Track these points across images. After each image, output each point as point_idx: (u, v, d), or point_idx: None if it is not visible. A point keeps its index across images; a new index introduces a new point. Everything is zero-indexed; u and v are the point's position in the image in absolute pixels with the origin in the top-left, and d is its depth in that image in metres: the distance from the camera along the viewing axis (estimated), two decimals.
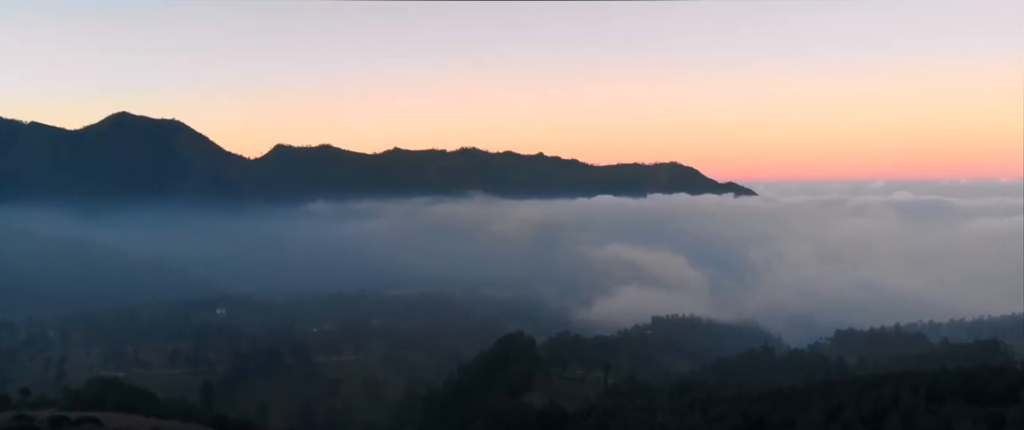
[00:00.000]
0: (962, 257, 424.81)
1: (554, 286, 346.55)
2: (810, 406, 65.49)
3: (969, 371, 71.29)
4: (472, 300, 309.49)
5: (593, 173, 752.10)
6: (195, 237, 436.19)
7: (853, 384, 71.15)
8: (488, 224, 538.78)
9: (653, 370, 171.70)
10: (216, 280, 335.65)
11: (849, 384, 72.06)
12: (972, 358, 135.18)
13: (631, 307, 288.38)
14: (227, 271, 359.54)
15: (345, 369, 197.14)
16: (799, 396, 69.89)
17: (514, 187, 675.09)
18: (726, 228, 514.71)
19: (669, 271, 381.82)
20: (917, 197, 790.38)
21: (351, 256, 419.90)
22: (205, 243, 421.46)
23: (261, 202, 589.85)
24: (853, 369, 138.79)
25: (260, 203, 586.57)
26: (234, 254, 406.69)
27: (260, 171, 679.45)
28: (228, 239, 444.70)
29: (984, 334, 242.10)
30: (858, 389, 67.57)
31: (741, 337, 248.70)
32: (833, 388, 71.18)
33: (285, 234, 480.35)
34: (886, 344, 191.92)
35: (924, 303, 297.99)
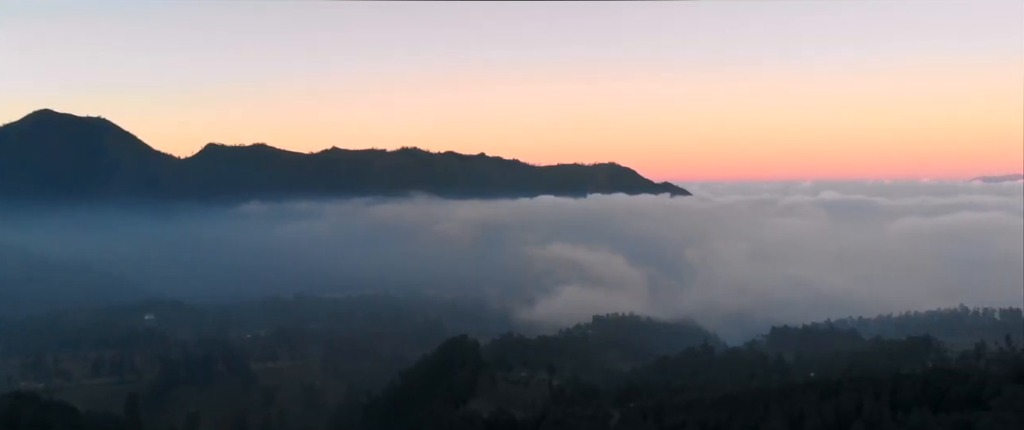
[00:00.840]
0: (889, 255, 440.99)
1: (497, 286, 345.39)
2: (768, 413, 65.02)
3: (927, 376, 71.85)
4: (414, 302, 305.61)
5: (535, 173, 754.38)
6: (122, 239, 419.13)
7: (810, 389, 71.03)
8: (430, 225, 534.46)
9: (596, 369, 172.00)
10: (144, 284, 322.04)
11: (805, 389, 71.93)
12: (906, 355, 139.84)
13: (573, 306, 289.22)
14: (156, 274, 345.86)
15: (281, 376, 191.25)
16: (755, 402, 69.52)
17: (456, 187, 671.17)
18: (664, 228, 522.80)
19: (609, 270, 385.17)
20: (844, 197, 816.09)
21: (287, 258, 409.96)
22: (133, 245, 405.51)
23: (192, 203, 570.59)
24: (792, 367, 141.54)
25: (191, 204, 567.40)
26: (164, 257, 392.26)
27: (191, 171, 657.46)
28: (157, 241, 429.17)
29: (912, 329, 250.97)
30: (817, 396, 67.37)
31: (680, 335, 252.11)
32: (790, 393, 71.04)
33: (218, 236, 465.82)
34: (820, 341, 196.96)
35: (853, 300, 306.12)
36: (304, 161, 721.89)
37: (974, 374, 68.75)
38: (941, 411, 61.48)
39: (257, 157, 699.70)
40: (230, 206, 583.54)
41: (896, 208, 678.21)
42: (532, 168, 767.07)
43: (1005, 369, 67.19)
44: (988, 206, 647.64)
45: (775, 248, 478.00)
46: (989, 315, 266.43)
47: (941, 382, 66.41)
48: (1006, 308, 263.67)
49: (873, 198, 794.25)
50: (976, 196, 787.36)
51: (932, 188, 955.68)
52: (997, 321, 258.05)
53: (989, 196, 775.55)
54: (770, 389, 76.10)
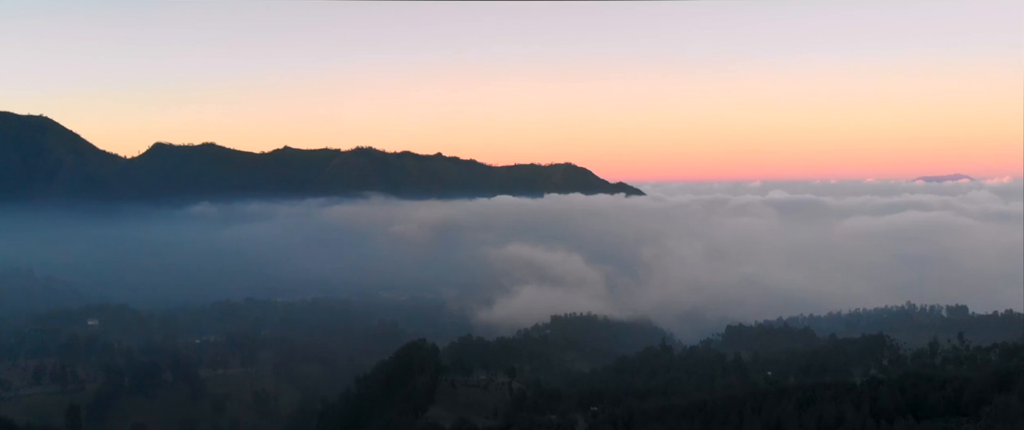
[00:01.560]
0: (839, 253, 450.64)
1: (454, 287, 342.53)
2: (744, 423, 63.43)
3: (903, 382, 70.76)
4: (369, 305, 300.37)
5: (492, 173, 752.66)
6: (65, 242, 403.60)
7: (785, 397, 69.72)
8: (386, 226, 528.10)
9: (556, 370, 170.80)
10: (88, 289, 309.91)
11: (780, 397, 70.54)
12: (861, 354, 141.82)
13: (531, 306, 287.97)
14: (100, 279, 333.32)
15: (232, 384, 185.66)
16: (729, 411, 68.23)
17: (413, 187, 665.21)
18: (620, 227, 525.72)
19: (567, 270, 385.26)
20: (792, 196, 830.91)
21: (238, 261, 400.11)
22: (76, 249, 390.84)
23: (139, 204, 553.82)
24: (749, 366, 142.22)
25: (138, 205, 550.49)
26: (109, 260, 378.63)
27: (137, 171, 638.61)
28: (102, 244, 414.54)
29: (862, 326, 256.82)
30: (794, 404, 66.05)
31: (637, 334, 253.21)
32: (763, 401, 69.95)
33: (165, 238, 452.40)
34: (775, 339, 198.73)
35: (805, 297, 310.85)
36: (255, 161, 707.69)
37: (951, 380, 68.58)
38: (924, 419, 60.75)
39: (206, 157, 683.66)
40: (178, 207, 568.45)
41: (843, 207, 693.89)
42: (489, 168, 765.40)
43: (983, 375, 66.73)
44: (931, 205, 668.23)
45: (728, 246, 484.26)
46: (936, 312, 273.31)
47: (918, 388, 66.04)
48: (953, 305, 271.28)
49: (821, 197, 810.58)
50: (919, 195, 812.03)
51: (877, 188, 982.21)
52: (944, 318, 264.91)
53: (931, 195, 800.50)
54: (743, 396, 74.95)
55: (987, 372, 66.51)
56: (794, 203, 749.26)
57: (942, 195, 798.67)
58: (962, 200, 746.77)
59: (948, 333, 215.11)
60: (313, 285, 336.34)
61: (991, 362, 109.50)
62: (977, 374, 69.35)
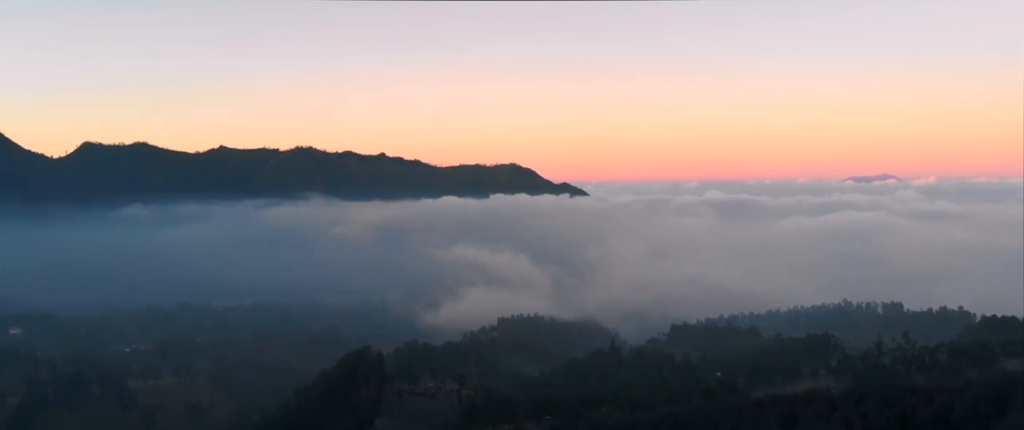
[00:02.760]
0: (777, 252, 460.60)
1: (399, 290, 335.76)
2: None
3: (887, 395, 68.54)
4: (310, 310, 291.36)
5: (437, 174, 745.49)
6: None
7: (763, 411, 67.41)
8: (327, 227, 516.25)
9: (504, 375, 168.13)
10: (10, 295, 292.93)
11: (758, 411, 68.07)
12: (808, 353, 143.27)
13: (478, 309, 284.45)
14: (23, 285, 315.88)
15: (164, 394, 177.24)
16: (705, 426, 65.90)
17: (355, 188, 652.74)
18: (565, 227, 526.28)
19: (514, 271, 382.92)
20: (728, 196, 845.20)
21: (172, 265, 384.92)
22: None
23: (66, 206, 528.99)
24: (698, 367, 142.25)
25: (65, 207, 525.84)
26: (33, 265, 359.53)
27: (65, 171, 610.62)
28: (25, 248, 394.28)
29: (801, 324, 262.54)
30: (777, 421, 63.72)
31: (584, 334, 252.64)
32: (741, 415, 67.91)
33: (94, 241, 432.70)
34: (720, 338, 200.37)
35: (745, 295, 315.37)
36: (190, 161, 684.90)
37: (939, 393, 67.67)
38: None
39: (138, 157, 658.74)
40: (109, 209, 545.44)
41: (779, 207, 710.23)
42: (434, 169, 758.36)
43: (976, 388, 64.92)
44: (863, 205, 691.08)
45: (670, 246, 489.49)
46: (872, 309, 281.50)
47: (905, 402, 64.94)
48: (888, 302, 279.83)
49: (757, 197, 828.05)
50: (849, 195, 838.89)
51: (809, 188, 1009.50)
52: (880, 315, 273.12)
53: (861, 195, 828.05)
54: (717, 411, 72.98)
55: (979, 386, 65.00)
56: (731, 203, 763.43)
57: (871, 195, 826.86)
58: (891, 200, 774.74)
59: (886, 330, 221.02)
60: (251, 289, 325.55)
61: (940, 362, 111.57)
62: (962, 385, 67.88)
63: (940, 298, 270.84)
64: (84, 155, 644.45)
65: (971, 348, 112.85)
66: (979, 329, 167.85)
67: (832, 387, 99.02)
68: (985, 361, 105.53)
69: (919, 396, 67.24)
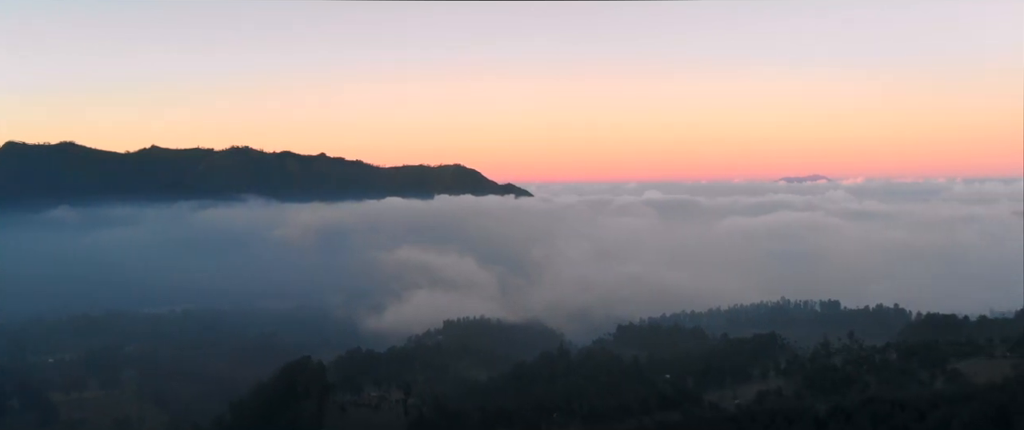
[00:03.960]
0: (717, 251, 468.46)
1: (341, 294, 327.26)
2: None
3: (871, 409, 65.34)
4: (247, 316, 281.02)
5: (380, 174, 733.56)
6: None
7: (734, 425, 64.58)
8: (265, 230, 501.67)
9: (451, 380, 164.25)
10: None
11: (731, 425, 65.00)
12: (756, 353, 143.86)
13: (423, 312, 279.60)
14: None
15: (89, 408, 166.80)
16: None
17: (294, 189, 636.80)
18: (511, 228, 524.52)
19: (459, 272, 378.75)
20: (667, 196, 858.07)
21: (99, 270, 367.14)
22: None
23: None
24: (647, 368, 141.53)
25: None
26: None
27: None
28: None
29: (741, 321, 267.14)
30: None
31: (530, 336, 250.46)
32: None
33: (16, 245, 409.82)
34: (667, 339, 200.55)
35: (686, 294, 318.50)
36: (119, 161, 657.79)
37: (931, 409, 65.76)
38: None
39: (65, 157, 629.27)
40: (33, 211, 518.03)
41: (716, 207, 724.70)
42: (377, 169, 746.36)
43: (974, 408, 62.09)
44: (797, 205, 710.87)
45: (613, 246, 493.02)
46: (810, 307, 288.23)
47: (894, 420, 63.19)
48: (825, 300, 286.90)
49: (695, 198, 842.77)
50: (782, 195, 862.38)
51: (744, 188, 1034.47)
52: (818, 313, 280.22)
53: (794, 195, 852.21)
54: (689, 424, 70.54)
55: (978, 402, 62.38)
56: (670, 203, 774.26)
57: (804, 195, 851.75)
58: (822, 199, 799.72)
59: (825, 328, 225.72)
60: (184, 295, 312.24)
61: (891, 363, 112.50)
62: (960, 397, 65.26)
63: (874, 296, 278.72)
64: (7, 155, 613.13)
65: (920, 349, 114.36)
66: (920, 328, 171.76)
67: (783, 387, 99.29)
68: (935, 363, 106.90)
69: (908, 411, 65.66)
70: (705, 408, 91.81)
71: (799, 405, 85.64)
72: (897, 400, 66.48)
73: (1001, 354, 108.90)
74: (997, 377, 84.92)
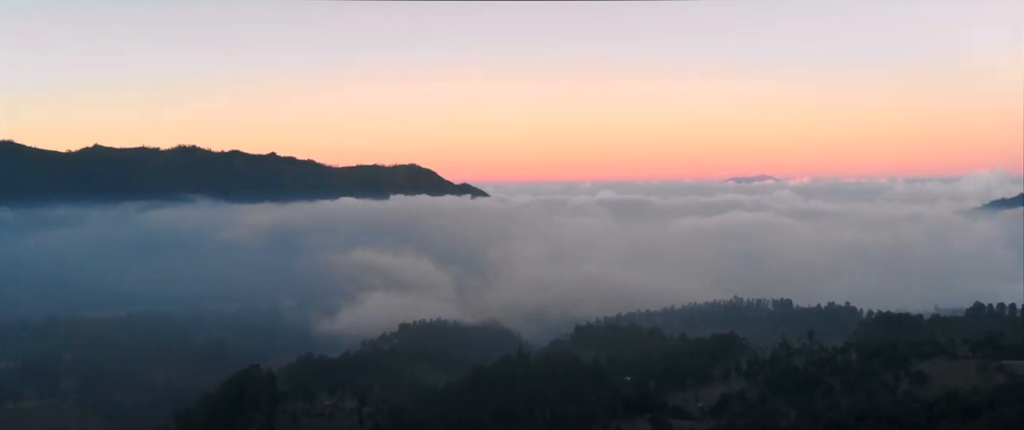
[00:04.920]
0: (671, 251, 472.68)
1: (293, 297, 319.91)
2: None
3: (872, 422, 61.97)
4: (195, 320, 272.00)
5: (333, 174, 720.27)
6: None
7: None
8: (214, 231, 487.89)
9: (407, 385, 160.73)
10: None
11: None
12: (716, 353, 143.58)
13: (378, 314, 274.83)
14: None
15: (27, 418, 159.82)
16: None
17: (243, 190, 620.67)
18: (468, 229, 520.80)
19: (416, 274, 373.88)
20: (620, 196, 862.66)
21: (40, 273, 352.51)
22: None
23: None
24: (606, 370, 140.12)
25: None
26: None
27: None
28: None
29: (696, 320, 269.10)
30: None
31: (487, 338, 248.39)
32: None
33: None
34: (625, 339, 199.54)
35: (642, 294, 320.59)
36: (61, 161, 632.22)
37: (923, 422, 64.07)
38: None
39: (3, 156, 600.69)
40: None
41: (669, 207, 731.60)
42: (330, 169, 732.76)
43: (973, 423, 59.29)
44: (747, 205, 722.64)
45: (570, 246, 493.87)
46: (763, 306, 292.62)
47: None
48: (777, 299, 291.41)
49: (648, 198, 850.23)
50: (731, 195, 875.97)
51: (695, 188, 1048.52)
52: (771, 311, 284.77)
53: (743, 195, 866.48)
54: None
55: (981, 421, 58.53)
56: (624, 203, 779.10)
57: (753, 195, 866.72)
58: (771, 199, 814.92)
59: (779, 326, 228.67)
60: (128, 299, 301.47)
61: (852, 364, 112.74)
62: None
63: (825, 294, 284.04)
64: None
65: (881, 349, 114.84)
66: (875, 327, 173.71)
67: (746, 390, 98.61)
68: (898, 363, 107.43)
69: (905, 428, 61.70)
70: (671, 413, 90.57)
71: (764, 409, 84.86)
72: (899, 421, 61.82)
73: (963, 354, 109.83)
74: (963, 380, 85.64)
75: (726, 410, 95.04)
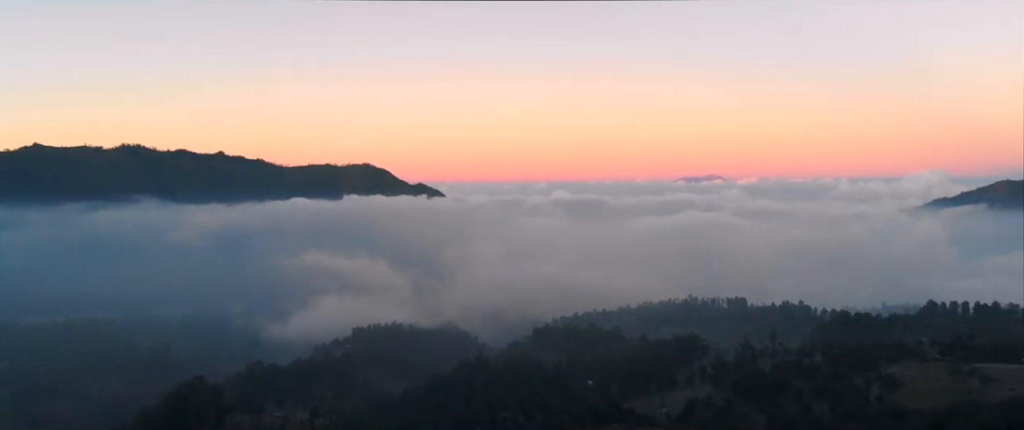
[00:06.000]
0: (625, 250, 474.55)
1: (241, 301, 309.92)
2: None
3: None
4: (138, 326, 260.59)
5: (283, 174, 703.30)
6: None
7: None
8: (159, 234, 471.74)
9: (362, 393, 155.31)
10: None
11: None
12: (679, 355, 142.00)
13: (331, 319, 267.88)
14: None
15: None
16: None
17: (190, 190, 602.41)
18: (424, 229, 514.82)
19: (371, 276, 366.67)
20: (575, 196, 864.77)
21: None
22: None
23: None
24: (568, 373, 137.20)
25: None
26: None
27: None
28: None
29: (653, 319, 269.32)
30: None
31: (445, 341, 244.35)
32: None
33: None
34: (584, 341, 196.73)
35: (597, 293, 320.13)
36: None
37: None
38: None
39: None
40: None
41: (623, 206, 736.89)
42: (280, 169, 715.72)
43: None
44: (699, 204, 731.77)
45: (527, 247, 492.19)
46: (717, 305, 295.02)
47: None
48: (731, 298, 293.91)
49: (602, 197, 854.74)
50: (682, 194, 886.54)
51: (647, 188, 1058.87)
52: (725, 310, 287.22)
53: (694, 195, 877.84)
54: None
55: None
56: (578, 203, 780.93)
57: (703, 194, 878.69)
58: (721, 199, 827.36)
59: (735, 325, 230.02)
60: (68, 304, 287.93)
61: (820, 368, 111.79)
62: None
63: (778, 293, 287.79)
64: None
65: (849, 352, 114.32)
66: (833, 327, 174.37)
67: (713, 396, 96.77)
68: (867, 367, 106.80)
69: None
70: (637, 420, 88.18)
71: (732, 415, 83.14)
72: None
73: (932, 357, 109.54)
74: (936, 384, 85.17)
75: (693, 417, 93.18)
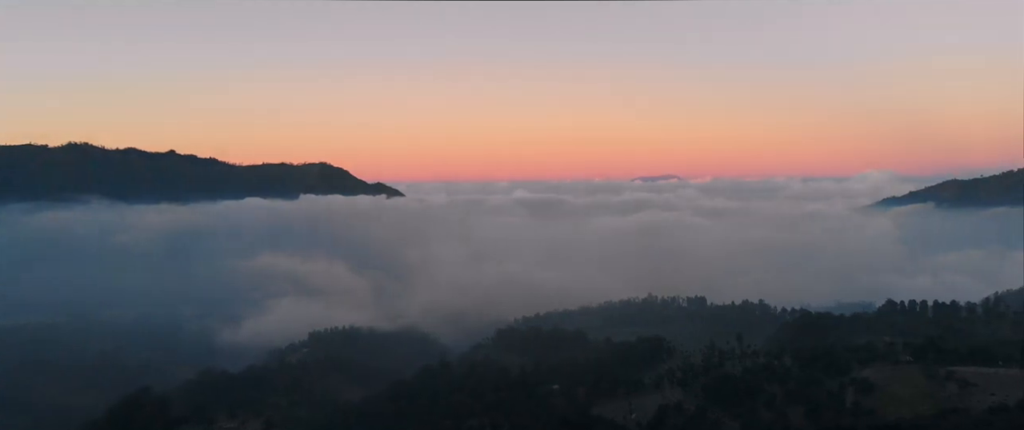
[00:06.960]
0: (586, 250, 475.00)
1: (194, 304, 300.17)
2: None
3: None
4: (86, 330, 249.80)
5: (237, 173, 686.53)
6: None
7: None
8: (107, 235, 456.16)
9: (319, 401, 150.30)
10: None
11: None
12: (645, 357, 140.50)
13: (287, 322, 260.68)
14: None
15: None
16: None
17: (140, 190, 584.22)
18: (384, 230, 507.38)
19: (328, 279, 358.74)
20: (535, 195, 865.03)
21: None
22: None
23: None
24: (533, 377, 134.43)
25: None
26: None
27: None
28: None
29: (614, 319, 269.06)
30: None
31: (405, 345, 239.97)
32: None
33: None
34: (548, 344, 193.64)
35: (559, 293, 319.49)
36: None
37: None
38: None
39: None
40: None
41: (583, 206, 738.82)
42: (233, 168, 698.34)
43: None
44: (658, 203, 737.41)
45: (488, 246, 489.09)
46: (677, 303, 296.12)
47: None
48: (691, 296, 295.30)
49: (562, 197, 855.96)
50: (640, 194, 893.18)
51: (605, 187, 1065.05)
52: (683, 307, 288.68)
53: (651, 194, 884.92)
54: None
55: None
56: (539, 202, 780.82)
57: (659, 193, 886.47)
58: (677, 198, 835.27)
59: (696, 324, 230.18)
60: (11, 309, 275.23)
61: (791, 370, 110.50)
62: None
63: (737, 291, 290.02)
64: None
65: (820, 355, 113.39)
66: (796, 327, 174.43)
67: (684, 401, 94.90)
68: (840, 370, 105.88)
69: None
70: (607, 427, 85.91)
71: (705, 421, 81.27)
72: None
73: (905, 359, 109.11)
74: (913, 389, 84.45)
75: (664, 424, 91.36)
